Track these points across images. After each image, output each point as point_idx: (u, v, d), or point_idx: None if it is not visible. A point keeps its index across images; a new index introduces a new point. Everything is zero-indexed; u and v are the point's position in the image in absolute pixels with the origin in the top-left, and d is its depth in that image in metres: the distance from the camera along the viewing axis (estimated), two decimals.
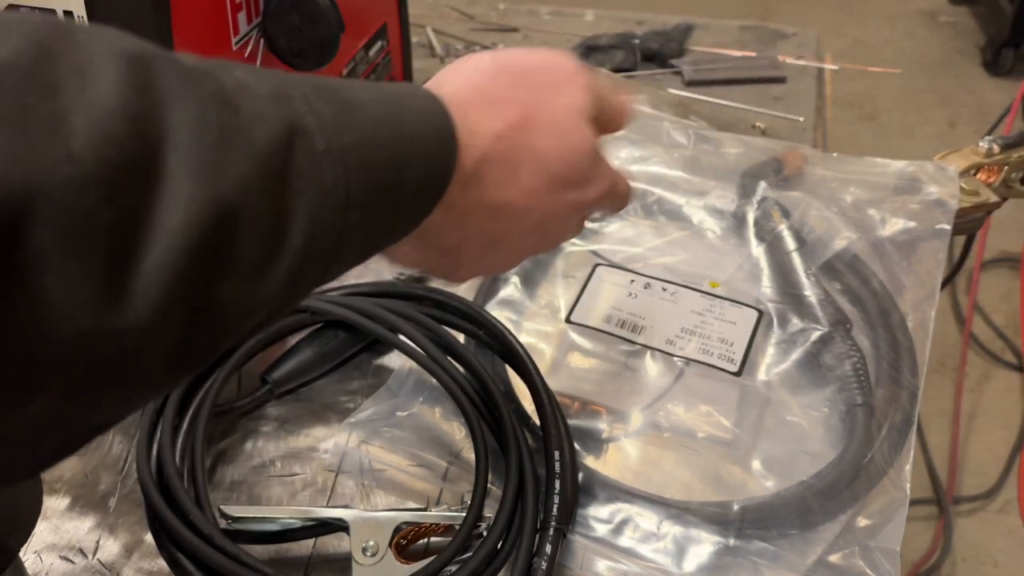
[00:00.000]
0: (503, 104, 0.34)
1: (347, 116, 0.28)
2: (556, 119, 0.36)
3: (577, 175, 0.37)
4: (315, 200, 0.26)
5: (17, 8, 0.53)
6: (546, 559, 0.48)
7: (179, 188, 0.22)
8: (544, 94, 0.36)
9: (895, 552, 0.51)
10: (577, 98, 0.37)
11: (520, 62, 0.37)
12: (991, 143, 0.75)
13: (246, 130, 0.24)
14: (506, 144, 0.34)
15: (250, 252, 0.24)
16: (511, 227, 0.37)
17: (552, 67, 0.37)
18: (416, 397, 0.61)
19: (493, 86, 0.35)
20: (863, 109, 2.44)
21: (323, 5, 0.62)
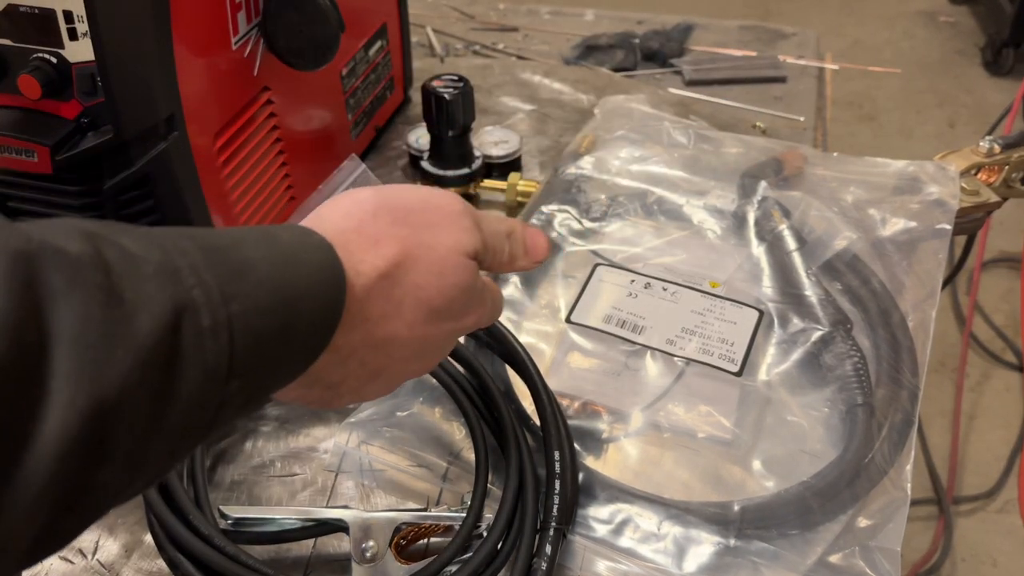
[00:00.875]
0: (385, 242, 0.35)
1: (236, 283, 0.28)
2: (438, 257, 0.37)
3: (457, 308, 0.38)
4: (197, 379, 0.26)
5: (17, 8, 0.53)
6: (546, 559, 0.48)
7: (58, 393, 0.22)
8: (426, 233, 0.37)
9: (895, 552, 0.51)
10: (459, 238, 0.38)
11: (401, 199, 0.38)
12: (991, 143, 0.75)
13: (130, 320, 0.24)
14: (389, 282, 0.35)
15: (126, 442, 0.25)
16: (393, 358, 0.37)
17: (434, 207, 0.38)
18: (416, 397, 0.61)
19: (375, 224, 0.36)
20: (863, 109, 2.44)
21: (323, 5, 0.62)
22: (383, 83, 0.89)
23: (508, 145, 0.85)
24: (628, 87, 1.01)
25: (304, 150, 0.74)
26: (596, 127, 0.85)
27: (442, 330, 0.39)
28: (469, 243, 0.38)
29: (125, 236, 0.26)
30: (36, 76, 0.53)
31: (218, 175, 0.62)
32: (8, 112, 0.55)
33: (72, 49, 0.53)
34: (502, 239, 0.41)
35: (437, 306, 0.37)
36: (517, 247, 0.42)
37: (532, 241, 0.43)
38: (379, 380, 0.38)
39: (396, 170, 0.88)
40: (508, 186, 0.81)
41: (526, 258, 0.43)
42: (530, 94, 0.99)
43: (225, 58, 0.61)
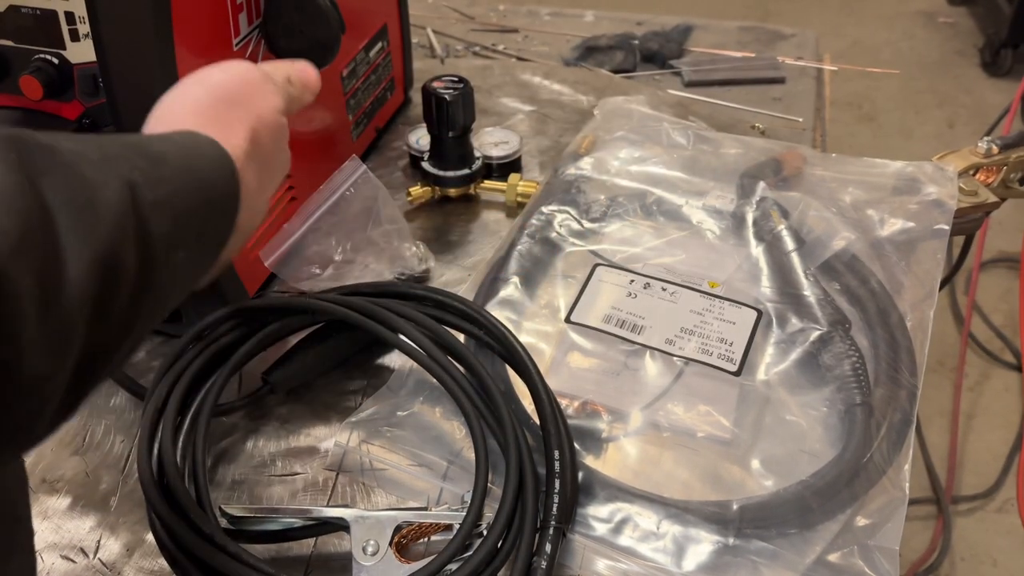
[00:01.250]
0: (235, 127, 0.42)
1: (160, 168, 0.33)
2: (269, 124, 0.45)
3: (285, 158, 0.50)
4: (157, 245, 0.31)
5: (18, 9, 0.53)
6: (546, 558, 0.48)
7: (70, 247, 0.26)
8: (254, 107, 0.44)
9: (894, 551, 0.51)
10: (274, 101, 0.46)
11: (223, 84, 0.44)
12: (990, 143, 0.75)
13: (99, 192, 0.28)
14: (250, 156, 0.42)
15: (124, 298, 0.29)
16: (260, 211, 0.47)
17: (247, 82, 0.45)
18: (416, 397, 0.61)
19: (219, 113, 0.42)
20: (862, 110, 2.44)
21: (324, 6, 0.63)
22: (383, 84, 0.89)
23: (508, 146, 0.86)
24: (627, 88, 1.01)
25: (305, 151, 0.74)
26: (596, 128, 0.85)
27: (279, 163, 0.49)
28: (280, 103, 0.47)
29: (63, 138, 0.30)
30: (38, 77, 0.53)
31: None
32: (10, 112, 0.56)
33: (74, 50, 0.53)
34: (288, 86, 0.49)
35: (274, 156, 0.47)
36: (298, 88, 0.51)
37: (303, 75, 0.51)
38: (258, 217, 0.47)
39: (396, 170, 0.88)
40: (508, 187, 0.81)
41: (306, 92, 0.52)
42: (530, 95, 1.00)
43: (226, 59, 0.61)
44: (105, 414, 0.62)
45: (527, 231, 0.72)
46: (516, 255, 0.70)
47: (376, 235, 0.70)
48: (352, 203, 0.70)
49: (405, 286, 0.64)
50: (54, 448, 0.60)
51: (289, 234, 0.69)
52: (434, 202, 0.83)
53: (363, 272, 0.69)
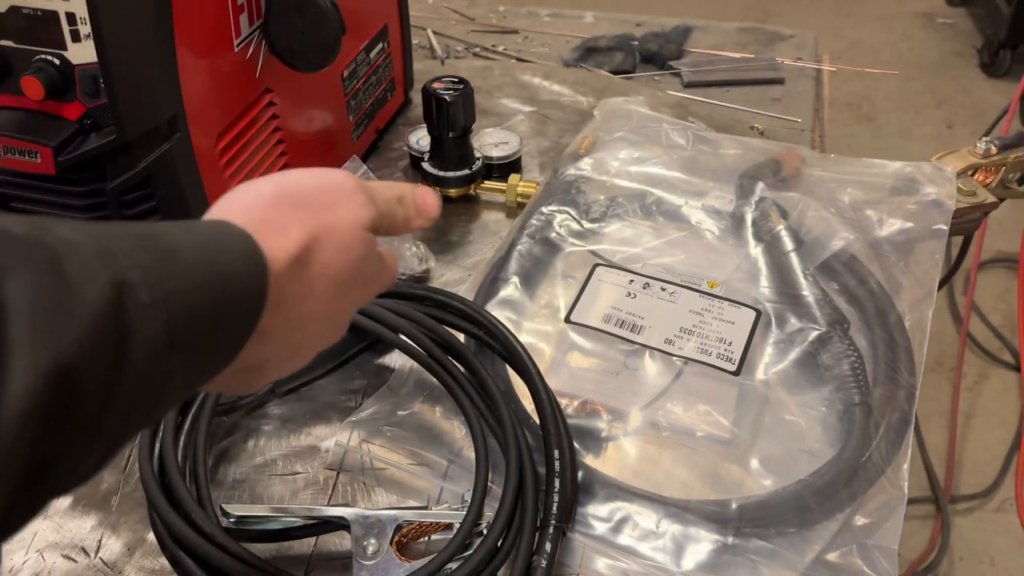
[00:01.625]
0: (292, 228, 0.37)
1: (168, 264, 0.30)
2: (341, 236, 0.39)
3: (362, 278, 0.42)
4: (143, 350, 0.28)
5: (19, 10, 0.53)
6: (546, 557, 0.49)
7: (19, 358, 0.24)
8: (327, 214, 0.39)
9: (893, 550, 0.51)
10: (358, 214, 0.41)
11: (298, 186, 0.40)
12: (988, 144, 0.75)
13: (77, 292, 0.26)
14: (301, 265, 0.37)
15: (85, 410, 0.26)
16: (311, 333, 0.40)
17: (330, 188, 0.41)
18: (417, 396, 0.61)
19: (278, 212, 0.38)
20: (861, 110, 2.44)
21: (324, 7, 0.63)
22: (384, 85, 0.89)
23: (508, 146, 0.86)
24: (627, 89, 1.01)
25: (306, 151, 0.74)
26: (595, 128, 0.85)
27: (351, 299, 0.42)
28: (366, 217, 0.41)
29: (60, 226, 0.28)
30: (39, 77, 0.53)
31: (220, 176, 0.62)
32: (11, 113, 0.56)
33: (75, 51, 0.53)
34: (395, 205, 0.44)
35: (345, 279, 0.40)
36: (410, 210, 0.45)
37: (422, 201, 0.46)
38: (298, 355, 0.41)
39: (397, 171, 0.88)
40: (508, 187, 0.81)
41: (420, 218, 0.46)
42: (530, 96, 1.00)
43: (227, 60, 0.61)
44: None
45: (527, 231, 0.73)
46: (516, 255, 0.70)
47: None
48: None
49: (405, 286, 0.64)
50: None
51: None
52: None
53: None
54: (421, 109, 0.80)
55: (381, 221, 0.43)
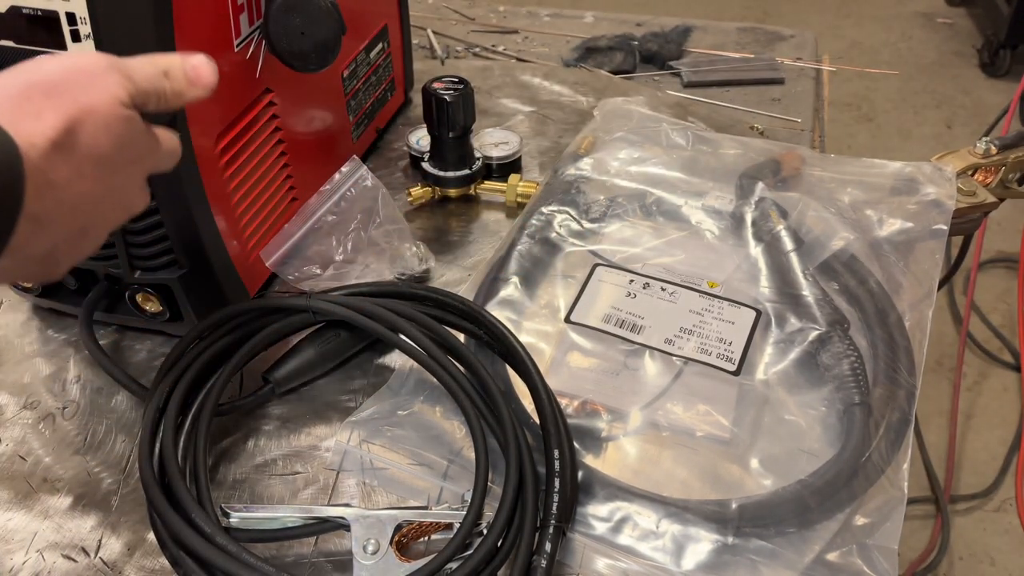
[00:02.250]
0: (46, 115, 0.38)
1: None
2: (101, 115, 0.40)
3: (132, 154, 0.42)
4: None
5: (20, 10, 0.53)
6: (546, 557, 0.49)
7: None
8: (82, 96, 0.39)
9: (893, 550, 0.51)
10: (115, 92, 0.41)
11: (46, 72, 0.40)
12: (988, 144, 0.75)
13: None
14: (64, 148, 0.38)
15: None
16: (93, 214, 0.41)
17: (79, 71, 0.41)
18: (417, 396, 0.61)
19: (30, 102, 0.38)
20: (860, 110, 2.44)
21: (324, 7, 0.63)
22: (384, 85, 0.89)
23: (508, 146, 0.86)
24: (627, 89, 1.01)
25: (306, 151, 0.74)
26: (595, 128, 0.85)
27: (125, 177, 0.43)
28: (124, 93, 0.41)
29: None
30: None
31: (220, 176, 0.62)
32: None
33: (75, 51, 0.53)
34: (159, 80, 0.44)
35: (115, 158, 0.41)
36: (179, 83, 0.45)
37: (194, 72, 0.45)
38: (88, 237, 0.42)
39: (397, 171, 0.88)
40: (508, 187, 0.81)
41: (193, 88, 0.46)
42: (530, 96, 1.00)
43: (227, 60, 0.61)
44: (106, 414, 0.63)
45: (527, 231, 0.73)
46: (516, 255, 0.70)
47: (376, 235, 0.70)
48: (353, 203, 0.71)
49: (405, 286, 0.64)
50: (55, 448, 0.60)
51: (290, 234, 0.69)
52: (434, 202, 0.83)
53: (363, 272, 0.69)
54: (421, 109, 0.80)
55: (145, 97, 0.43)
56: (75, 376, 0.66)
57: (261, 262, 0.67)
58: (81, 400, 0.64)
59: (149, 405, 0.55)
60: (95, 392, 0.64)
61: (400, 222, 0.71)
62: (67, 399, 0.64)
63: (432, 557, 0.48)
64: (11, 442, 0.61)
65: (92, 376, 0.65)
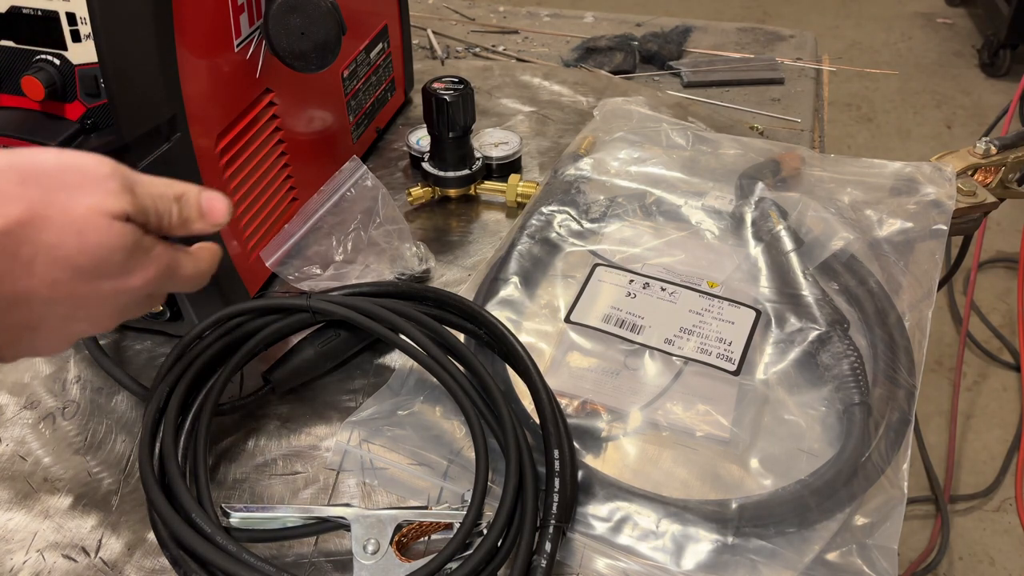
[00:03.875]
0: (8, 201, 0.36)
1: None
2: (76, 217, 0.38)
3: (109, 267, 0.39)
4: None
5: (20, 10, 0.53)
6: (546, 557, 0.49)
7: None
8: (61, 194, 0.37)
9: (892, 550, 0.51)
10: (102, 200, 0.39)
11: (33, 162, 0.38)
12: (988, 144, 0.75)
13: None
14: (13, 239, 0.36)
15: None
16: (43, 314, 0.39)
17: (73, 169, 0.39)
18: (417, 396, 0.61)
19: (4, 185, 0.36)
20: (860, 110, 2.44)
21: (324, 7, 0.63)
22: (384, 85, 0.89)
23: (508, 146, 0.86)
24: (627, 89, 1.01)
25: (306, 151, 0.74)
26: (595, 129, 0.85)
27: (100, 289, 0.40)
28: (115, 205, 0.39)
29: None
30: (39, 78, 0.53)
31: (220, 176, 0.62)
32: (12, 113, 0.56)
33: (75, 51, 0.53)
34: (167, 202, 0.42)
35: (82, 265, 0.38)
36: (190, 210, 0.43)
37: (208, 204, 0.44)
38: (38, 335, 0.40)
39: (397, 171, 0.88)
40: (508, 187, 0.81)
41: (202, 221, 0.44)
42: (530, 96, 1.00)
43: (227, 60, 0.61)
44: (106, 414, 0.63)
45: (527, 231, 0.73)
46: (516, 255, 0.71)
47: (376, 235, 0.70)
48: (353, 203, 0.71)
49: (405, 286, 0.64)
50: (56, 448, 0.60)
51: (290, 234, 0.69)
52: (434, 202, 0.83)
53: (363, 272, 0.69)
54: (421, 109, 0.80)
55: (145, 215, 0.41)
56: (75, 376, 0.66)
57: (261, 262, 0.67)
58: (81, 400, 0.64)
59: (149, 405, 0.55)
60: (95, 392, 0.64)
61: (400, 222, 0.71)
62: (67, 399, 0.64)
63: (432, 557, 0.48)
64: (11, 442, 0.61)
65: (92, 376, 0.65)
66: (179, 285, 0.45)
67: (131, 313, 0.44)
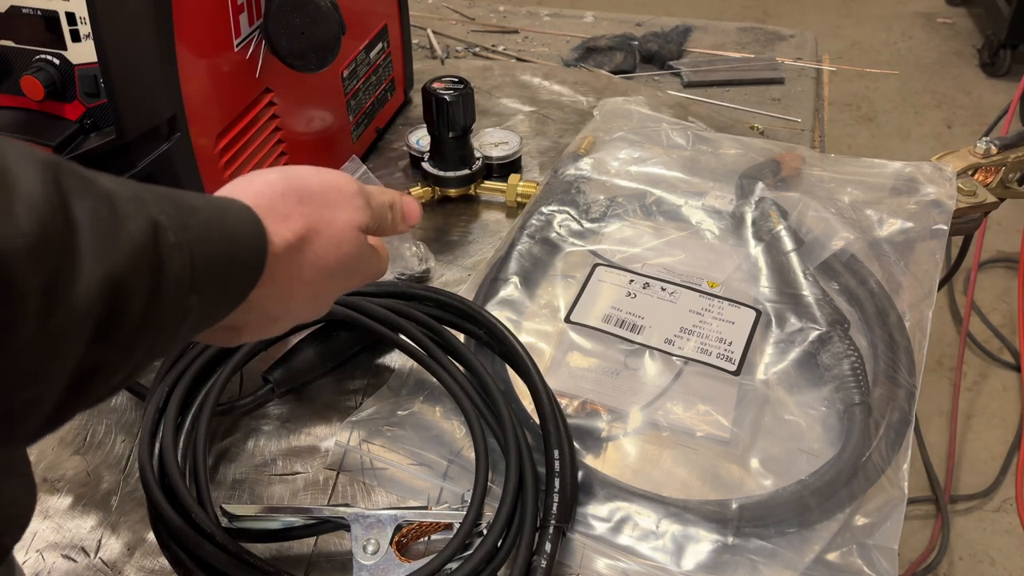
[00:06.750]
0: (293, 219, 0.42)
1: (189, 216, 0.35)
2: (335, 233, 0.44)
3: (348, 270, 0.46)
4: (170, 284, 0.32)
5: (20, 10, 0.53)
6: (546, 557, 0.49)
7: (86, 264, 0.28)
8: (326, 211, 0.44)
9: (893, 550, 0.51)
10: (354, 216, 0.45)
11: (305, 182, 0.44)
12: (988, 144, 0.75)
13: (125, 222, 0.31)
14: (295, 251, 0.42)
15: (128, 324, 0.31)
16: (290, 309, 0.45)
17: (333, 188, 0.45)
18: (417, 396, 0.61)
19: (284, 203, 0.42)
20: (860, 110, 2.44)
21: (324, 7, 0.63)
22: (384, 85, 0.89)
23: (508, 146, 0.86)
24: (627, 89, 1.01)
25: (306, 151, 0.74)
26: (595, 128, 0.85)
27: (335, 287, 0.47)
28: (361, 219, 0.46)
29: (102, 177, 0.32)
30: (39, 77, 0.53)
31: (220, 176, 0.62)
32: (11, 113, 0.56)
33: (75, 51, 0.53)
34: (386, 210, 0.49)
35: (332, 270, 0.45)
36: (397, 215, 0.50)
37: (407, 209, 0.51)
38: (275, 325, 0.45)
39: (397, 171, 0.88)
40: (508, 187, 0.81)
41: (404, 223, 0.51)
42: (530, 96, 1.00)
43: (227, 60, 0.61)
44: (106, 414, 0.63)
45: (527, 231, 0.73)
46: (516, 255, 0.70)
47: None
48: None
49: (405, 286, 0.64)
50: (55, 448, 0.60)
51: None
52: (434, 202, 0.83)
53: None
54: (421, 109, 0.80)
55: (373, 223, 0.47)
56: None
57: None
58: None
59: (149, 405, 0.55)
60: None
61: None
62: None
63: (432, 557, 0.48)
64: None
65: None
66: (370, 280, 0.51)
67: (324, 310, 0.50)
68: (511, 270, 0.69)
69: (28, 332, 0.27)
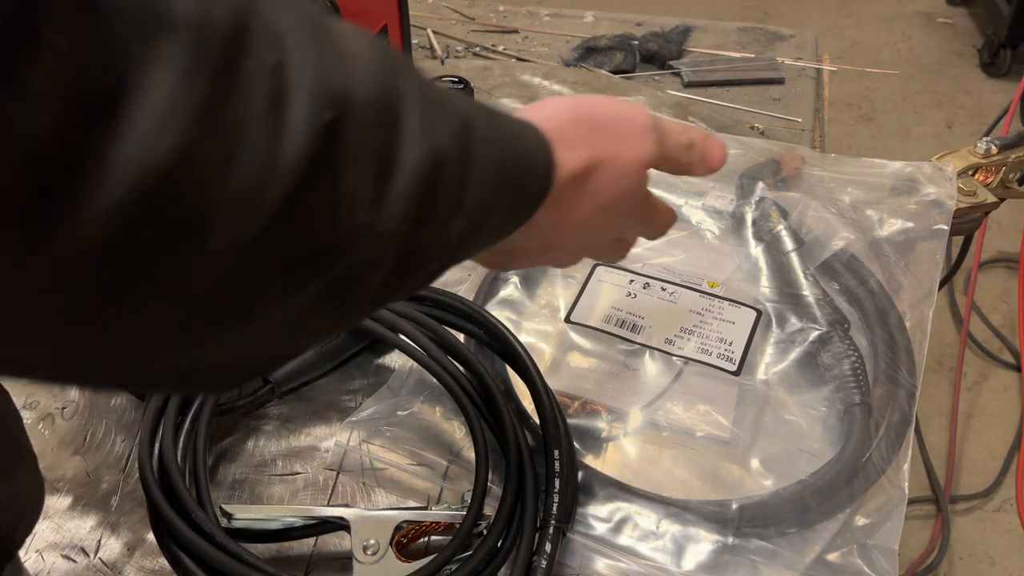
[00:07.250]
0: (580, 147, 0.41)
1: (493, 119, 0.35)
2: (620, 167, 0.43)
3: (627, 209, 0.45)
4: (480, 173, 0.32)
5: None
6: (546, 557, 0.49)
7: (412, 134, 0.28)
8: (613, 144, 0.42)
9: (893, 551, 0.51)
10: (642, 151, 0.43)
11: (597, 111, 0.43)
12: (989, 144, 0.75)
13: (448, 103, 0.31)
14: (580, 180, 0.41)
15: (445, 203, 0.30)
16: (566, 240, 0.44)
17: (626, 120, 0.43)
18: (417, 396, 0.61)
19: (574, 131, 0.41)
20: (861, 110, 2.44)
21: (324, 7, 0.63)
22: None
23: None
24: (627, 89, 1.01)
25: None
26: None
27: (609, 225, 0.45)
28: (649, 156, 0.44)
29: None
30: None
31: None
32: None
33: None
34: (682, 150, 0.46)
35: (611, 206, 0.43)
36: (695, 156, 0.47)
37: (710, 153, 0.47)
38: (548, 255, 0.45)
39: None
40: None
41: (702, 166, 0.48)
42: (530, 96, 1.00)
43: None
44: (106, 414, 0.63)
45: None
46: None
47: None
48: None
49: None
50: (55, 448, 0.60)
51: None
52: None
53: None
54: None
55: (664, 163, 0.45)
56: None
57: None
58: (81, 400, 0.64)
59: (149, 405, 0.55)
60: (94, 392, 0.64)
61: None
62: (67, 399, 0.64)
63: (432, 558, 0.48)
64: None
65: None
66: (648, 233, 0.50)
67: (607, 254, 0.49)
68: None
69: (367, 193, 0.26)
